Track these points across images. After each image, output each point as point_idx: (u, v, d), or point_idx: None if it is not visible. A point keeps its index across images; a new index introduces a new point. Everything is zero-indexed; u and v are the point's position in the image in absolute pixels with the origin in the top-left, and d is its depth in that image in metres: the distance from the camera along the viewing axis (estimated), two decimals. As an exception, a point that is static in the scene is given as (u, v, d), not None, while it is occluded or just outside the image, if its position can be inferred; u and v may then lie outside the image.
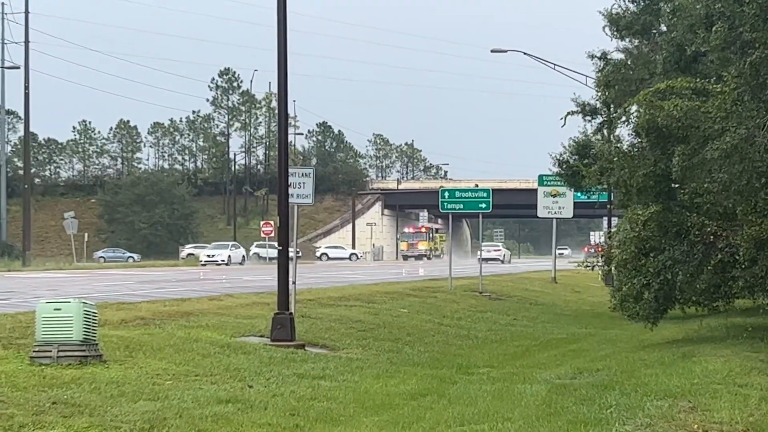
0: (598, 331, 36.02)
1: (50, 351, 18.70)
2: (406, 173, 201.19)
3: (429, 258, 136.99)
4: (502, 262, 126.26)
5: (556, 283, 64.48)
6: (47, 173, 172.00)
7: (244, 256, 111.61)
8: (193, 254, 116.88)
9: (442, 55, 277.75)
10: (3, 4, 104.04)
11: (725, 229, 27.55)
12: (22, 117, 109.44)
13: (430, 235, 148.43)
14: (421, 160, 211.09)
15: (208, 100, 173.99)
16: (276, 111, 30.87)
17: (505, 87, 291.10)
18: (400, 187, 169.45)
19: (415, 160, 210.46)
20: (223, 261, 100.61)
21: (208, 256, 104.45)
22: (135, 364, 19.57)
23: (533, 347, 30.67)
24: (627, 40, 42.25)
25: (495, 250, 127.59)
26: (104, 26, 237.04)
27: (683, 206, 28.81)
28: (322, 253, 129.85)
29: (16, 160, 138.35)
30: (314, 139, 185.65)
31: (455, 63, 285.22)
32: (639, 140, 30.34)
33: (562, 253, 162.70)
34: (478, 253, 63.54)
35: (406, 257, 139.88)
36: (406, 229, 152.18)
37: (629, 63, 42.06)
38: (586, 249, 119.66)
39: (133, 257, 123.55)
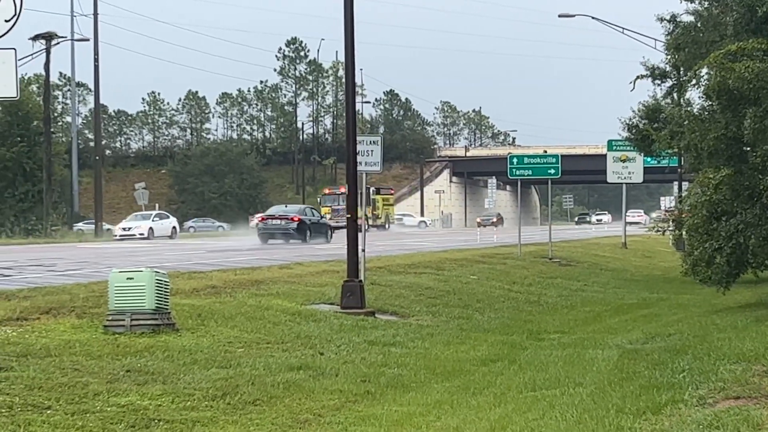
0: (669, 296, 35.79)
1: (123, 320, 18.80)
2: (474, 140, 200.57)
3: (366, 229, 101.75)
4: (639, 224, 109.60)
5: (626, 248, 64.18)
6: (118, 145, 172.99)
7: (175, 228, 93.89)
8: (269, 223, 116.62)
9: (509, 21, 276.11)
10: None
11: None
12: (92, 89, 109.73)
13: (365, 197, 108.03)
14: (488, 127, 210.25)
15: (275, 69, 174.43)
16: (343, 79, 30.85)
17: (573, 52, 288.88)
18: (468, 154, 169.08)
19: (482, 127, 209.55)
20: (141, 235, 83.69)
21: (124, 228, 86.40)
22: (207, 332, 19.64)
23: (604, 313, 30.52)
24: (697, 2, 41.79)
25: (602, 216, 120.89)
26: (166, 6, 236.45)
27: (755, 169, 28.52)
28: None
29: (87, 132, 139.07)
30: (382, 107, 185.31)
31: (522, 29, 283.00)
32: (710, 103, 30.12)
33: (600, 220, 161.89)
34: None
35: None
36: (326, 191, 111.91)
37: (699, 25, 41.64)
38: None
39: (222, 226, 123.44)
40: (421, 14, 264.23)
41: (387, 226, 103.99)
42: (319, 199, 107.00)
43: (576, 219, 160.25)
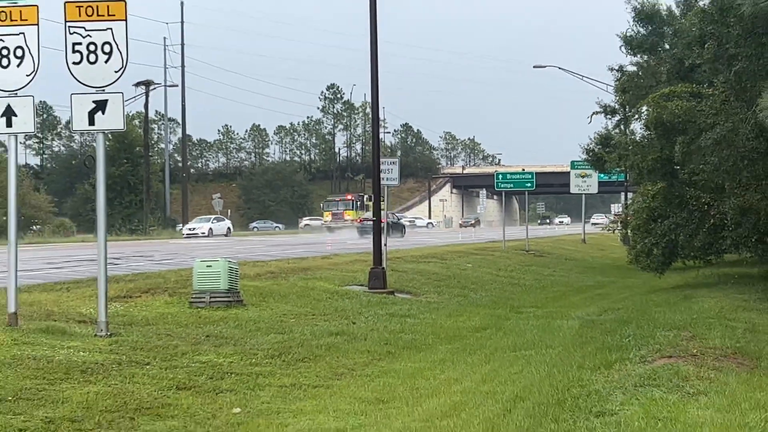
0: (618, 280, 35.83)
1: (204, 297, 18.94)
2: (469, 161, 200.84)
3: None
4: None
5: (585, 243, 64.23)
6: (199, 165, 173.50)
7: (229, 228, 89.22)
8: (309, 224, 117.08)
9: (495, 69, 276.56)
10: (165, 38, 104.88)
11: (716, 200, 27.46)
12: (180, 123, 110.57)
13: (359, 203, 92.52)
14: (480, 151, 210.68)
15: (318, 108, 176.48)
16: (370, 116, 30.95)
17: (544, 93, 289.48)
18: (464, 171, 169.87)
19: (476, 151, 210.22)
20: (203, 234, 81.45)
21: (190, 229, 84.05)
22: (267, 307, 19.75)
23: (568, 292, 30.57)
24: (638, 56, 41.92)
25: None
26: (240, 53, 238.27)
27: (684, 183, 28.75)
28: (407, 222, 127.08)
29: (176, 155, 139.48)
30: (399, 136, 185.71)
31: (506, 75, 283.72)
32: (648, 133, 30.25)
33: (562, 221, 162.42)
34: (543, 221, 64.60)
35: (330, 228, 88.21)
36: (330, 197, 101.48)
37: (640, 74, 41.77)
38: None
39: (279, 227, 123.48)
40: (429, 65, 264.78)
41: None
42: (322, 204, 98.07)
43: (539, 221, 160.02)
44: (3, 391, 11.00)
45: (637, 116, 36.98)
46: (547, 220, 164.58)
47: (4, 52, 15.15)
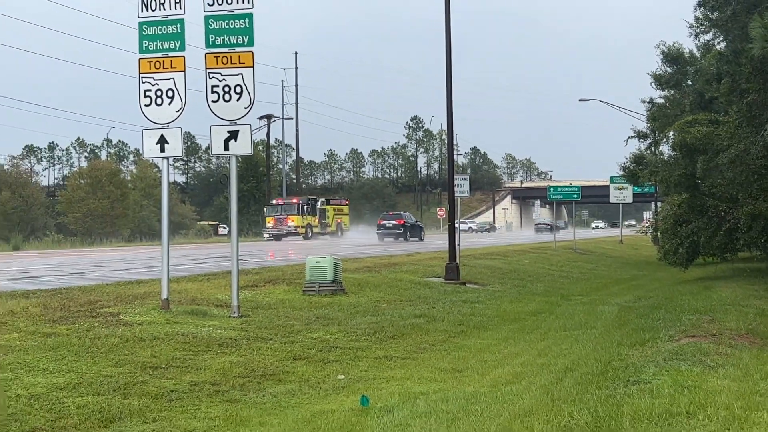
0: (649, 273, 35.30)
1: (314, 287, 19.04)
2: (526, 177, 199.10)
3: (307, 237, 63.82)
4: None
5: (622, 243, 63.44)
6: (309, 181, 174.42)
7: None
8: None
9: (545, 101, 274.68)
10: (282, 81, 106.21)
11: (731, 208, 27.10)
12: (295, 148, 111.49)
13: (308, 208, 67.01)
14: (534, 168, 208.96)
15: (404, 135, 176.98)
16: (446, 141, 30.95)
17: (589, 120, 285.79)
18: (522, 185, 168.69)
19: (531, 169, 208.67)
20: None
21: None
22: (364, 295, 19.81)
23: (608, 283, 30.21)
24: (666, 90, 41.43)
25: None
26: (342, 91, 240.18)
27: (704, 194, 28.41)
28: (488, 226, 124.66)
29: (291, 174, 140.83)
30: (468, 157, 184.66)
31: (556, 106, 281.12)
32: (675, 153, 29.96)
33: (597, 226, 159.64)
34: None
35: (277, 236, 64.00)
36: (273, 202, 70.92)
37: (667, 105, 41.30)
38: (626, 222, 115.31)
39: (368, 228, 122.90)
40: (492, 99, 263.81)
41: (340, 233, 69.37)
42: (265, 209, 70.12)
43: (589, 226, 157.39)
44: (158, 360, 11.22)
45: (665, 140, 36.78)
46: (598, 225, 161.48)
47: (159, 93, 15.47)
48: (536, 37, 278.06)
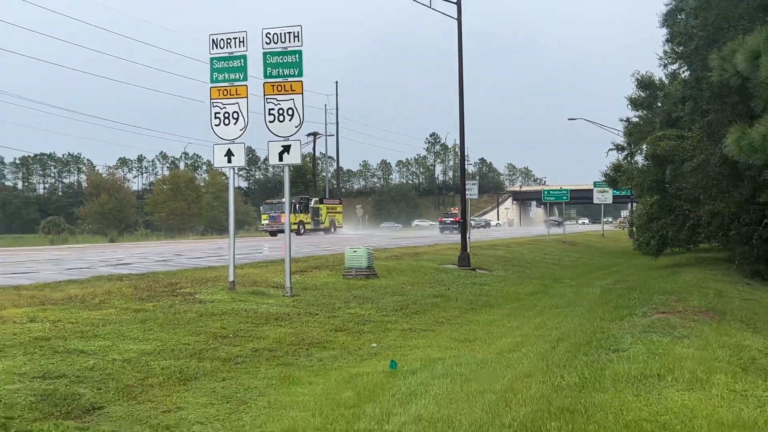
0: (626, 261, 35.03)
1: (352, 271, 19.04)
2: (524, 182, 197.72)
3: (299, 233, 56.74)
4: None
5: (604, 236, 62.84)
6: (347, 186, 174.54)
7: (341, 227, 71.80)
8: (418, 224, 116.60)
9: (539, 119, 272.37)
10: (326, 105, 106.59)
11: (694, 208, 26.89)
12: (335, 159, 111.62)
13: (301, 206, 61.11)
14: (531, 175, 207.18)
15: (424, 148, 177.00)
16: (459, 153, 30.94)
17: (575, 135, 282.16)
18: (521, 189, 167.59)
19: (528, 175, 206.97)
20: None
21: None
22: (392, 278, 19.79)
23: (592, 269, 30.01)
24: (640, 111, 41.16)
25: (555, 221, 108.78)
26: (374, 111, 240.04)
27: (671, 196, 28.23)
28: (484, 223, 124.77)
29: (333, 180, 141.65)
30: (477, 165, 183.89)
31: (546, 123, 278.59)
32: (647, 162, 29.79)
33: (584, 222, 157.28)
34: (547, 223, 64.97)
35: (273, 232, 56.39)
36: (267, 201, 63.34)
37: (641, 123, 40.99)
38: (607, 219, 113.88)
39: (398, 226, 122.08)
40: (497, 117, 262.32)
41: (333, 229, 63.36)
42: (261, 207, 62.73)
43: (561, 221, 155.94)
44: (226, 331, 11.28)
45: (639, 151, 36.51)
46: (584, 221, 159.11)
47: (226, 115, 15.55)
48: (535, 66, 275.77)
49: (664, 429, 6.11)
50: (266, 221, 58.29)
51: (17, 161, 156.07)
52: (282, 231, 54.32)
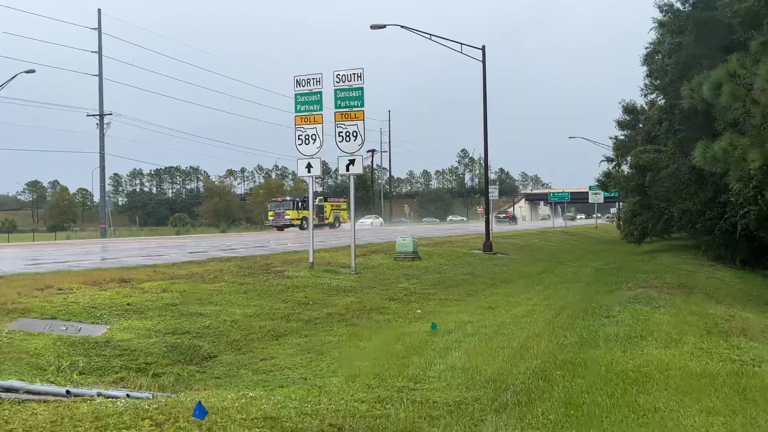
0: (614, 248, 34.23)
1: (401, 255, 18.94)
2: (534, 186, 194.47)
3: (302, 228, 48.38)
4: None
5: (596, 229, 61.61)
6: (397, 190, 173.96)
7: (381, 222, 72.32)
8: (451, 219, 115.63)
9: (542, 132, 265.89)
10: (381, 128, 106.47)
11: (668, 206, 26.18)
12: (388, 169, 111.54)
13: (301, 203, 50.29)
14: (539, 180, 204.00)
15: (456, 160, 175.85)
16: (483, 164, 30.61)
17: (576, 151, 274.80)
18: (532, 192, 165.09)
19: (537, 180, 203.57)
20: (364, 224, 62.89)
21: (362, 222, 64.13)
22: (431, 260, 19.65)
23: (587, 254, 29.39)
24: (626, 130, 40.22)
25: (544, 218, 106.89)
26: (419, 130, 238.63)
27: (650, 197, 27.48)
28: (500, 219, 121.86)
29: (386, 186, 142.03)
30: (498, 173, 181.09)
31: (553, 140, 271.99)
32: (631, 171, 29.07)
33: (582, 217, 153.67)
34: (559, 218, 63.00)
35: (281, 227, 49.86)
36: (273, 199, 56.23)
37: (626, 140, 40.03)
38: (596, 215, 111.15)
39: (436, 220, 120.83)
40: (512, 132, 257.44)
41: (337, 224, 53.87)
42: (268, 205, 55.63)
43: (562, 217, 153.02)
44: (307, 299, 11.37)
45: (624, 162, 35.65)
46: (582, 216, 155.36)
47: (306, 137, 15.65)
48: (543, 95, 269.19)
49: (646, 377, 5.98)
50: (272, 217, 51.39)
51: (152, 172, 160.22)
52: (287, 226, 48.27)
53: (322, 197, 56.35)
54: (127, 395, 5.18)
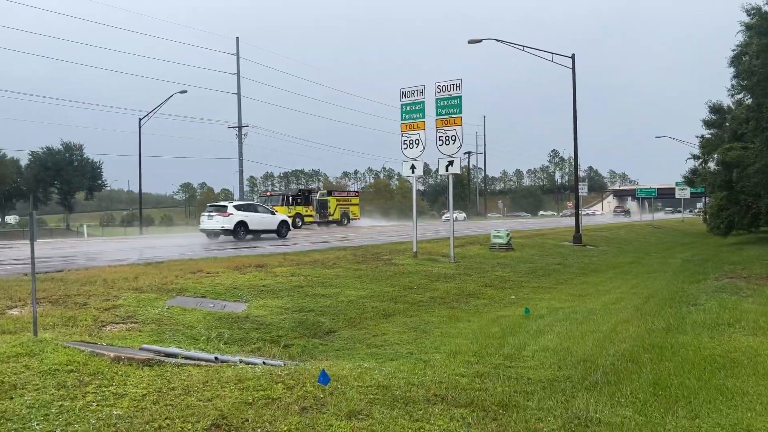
0: (701, 240, 31.82)
1: (496, 246, 18.61)
2: (622, 182, 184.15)
3: (296, 225, 33.43)
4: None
5: (683, 222, 57.56)
6: (492, 188, 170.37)
7: (465, 216, 66.31)
8: (543, 213, 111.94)
9: (638, 133, 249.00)
10: (477, 132, 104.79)
11: (755, 201, 24.02)
12: (483, 169, 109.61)
13: (297, 199, 36.81)
14: (627, 177, 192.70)
15: (547, 159, 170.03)
16: (573, 163, 29.39)
17: (662, 147, 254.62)
18: (619, 188, 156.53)
19: (624, 177, 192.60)
20: (448, 219, 46.07)
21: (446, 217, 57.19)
22: (524, 251, 19.13)
23: (674, 246, 27.51)
24: (713, 129, 37.25)
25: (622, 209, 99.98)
26: (511, 132, 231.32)
27: (737, 192, 25.30)
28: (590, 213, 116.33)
29: (481, 184, 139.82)
30: (587, 171, 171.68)
31: (641, 139, 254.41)
32: (717, 167, 26.88)
33: (669, 210, 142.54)
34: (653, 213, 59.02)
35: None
36: (262, 194, 44.20)
37: (712, 138, 37.07)
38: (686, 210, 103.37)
39: (528, 215, 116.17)
40: (603, 132, 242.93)
41: (346, 222, 43.18)
42: (256, 199, 47.47)
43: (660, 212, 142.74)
44: (412, 284, 11.44)
45: (711, 159, 33.02)
46: (669, 209, 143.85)
47: (411, 142, 15.72)
48: (632, 98, 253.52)
49: (733, 362, 5.55)
50: None
51: (281, 174, 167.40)
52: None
53: (324, 191, 46.64)
54: (263, 362, 5.47)
